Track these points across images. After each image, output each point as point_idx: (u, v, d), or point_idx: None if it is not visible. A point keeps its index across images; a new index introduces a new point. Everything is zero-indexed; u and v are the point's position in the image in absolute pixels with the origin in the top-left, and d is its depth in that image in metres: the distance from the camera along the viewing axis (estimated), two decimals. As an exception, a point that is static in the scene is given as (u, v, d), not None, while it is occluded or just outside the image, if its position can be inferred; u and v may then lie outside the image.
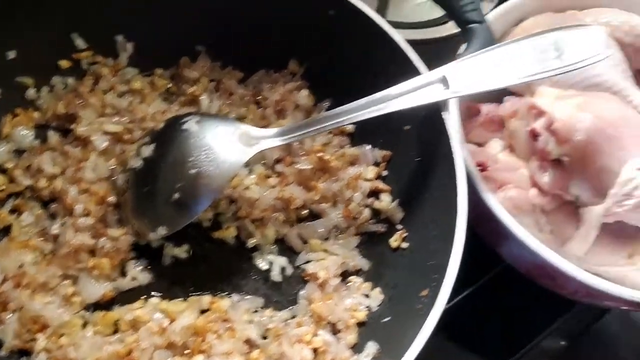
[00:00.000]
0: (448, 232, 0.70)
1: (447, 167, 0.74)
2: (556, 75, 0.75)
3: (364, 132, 0.91)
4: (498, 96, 0.96)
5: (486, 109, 0.96)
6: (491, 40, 0.80)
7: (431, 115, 0.78)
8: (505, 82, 0.76)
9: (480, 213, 0.82)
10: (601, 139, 0.80)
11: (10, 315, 0.72)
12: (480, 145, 0.97)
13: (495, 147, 0.95)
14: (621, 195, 0.78)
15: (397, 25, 1.17)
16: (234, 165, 0.78)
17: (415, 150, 0.83)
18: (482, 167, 0.88)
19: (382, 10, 1.12)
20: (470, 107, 0.99)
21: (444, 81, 0.76)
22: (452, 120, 0.77)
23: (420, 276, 0.74)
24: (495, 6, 0.98)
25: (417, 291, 0.72)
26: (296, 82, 0.93)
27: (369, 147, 0.90)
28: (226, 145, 0.79)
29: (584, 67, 0.74)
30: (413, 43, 1.16)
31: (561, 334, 1.00)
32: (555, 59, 0.75)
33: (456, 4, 0.81)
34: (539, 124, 0.85)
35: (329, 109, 0.91)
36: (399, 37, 0.81)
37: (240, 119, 0.92)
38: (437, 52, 0.90)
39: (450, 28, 1.18)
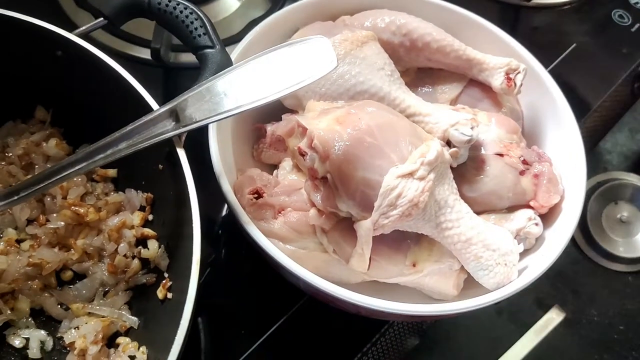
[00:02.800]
0: (187, 279, 0.64)
1: (187, 207, 0.69)
2: (288, 93, 0.71)
3: (127, 175, 0.84)
4: (279, 114, 0.92)
5: (270, 129, 0.92)
6: (226, 63, 0.75)
7: (171, 152, 0.72)
8: (237, 108, 0.70)
9: (256, 248, 0.77)
10: (360, 150, 0.76)
11: None
12: (276, 166, 0.93)
13: (286, 167, 0.91)
14: (386, 207, 0.75)
15: (181, 48, 1.12)
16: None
17: (171, 190, 0.77)
18: (258, 194, 0.83)
19: (159, 33, 1.04)
20: (258, 127, 0.95)
21: (174, 115, 0.70)
22: (183, 156, 0.70)
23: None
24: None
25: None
26: (46, 131, 0.85)
27: (133, 191, 0.83)
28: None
29: (315, 80, 0.71)
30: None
31: (379, 352, 0.98)
32: (289, 75, 0.71)
33: (184, 30, 0.75)
34: (303, 143, 0.81)
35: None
36: (127, 73, 0.74)
37: (-13, 179, 0.83)
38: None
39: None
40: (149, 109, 0.73)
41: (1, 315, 0.75)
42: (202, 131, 0.81)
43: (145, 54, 1.10)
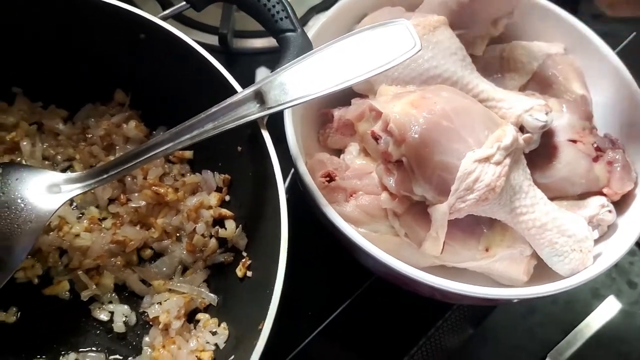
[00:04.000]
0: (274, 260, 0.66)
1: (271, 186, 0.70)
2: (372, 76, 0.71)
3: (203, 157, 0.86)
4: (347, 99, 0.93)
5: (338, 113, 0.93)
6: (307, 47, 0.76)
7: (255, 134, 0.74)
8: (321, 90, 0.71)
9: (330, 229, 0.78)
10: (437, 134, 0.77)
11: None
12: (341, 151, 0.94)
13: (352, 151, 0.92)
14: (462, 190, 0.76)
15: (244, 34, 1.14)
16: (42, 217, 0.71)
17: (250, 172, 0.78)
18: (330, 177, 0.84)
19: (226, 18, 1.06)
20: (325, 112, 0.96)
21: (258, 97, 0.72)
22: (268, 138, 0.72)
23: (259, 307, 0.69)
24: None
25: (256, 324, 0.67)
26: (125, 114, 0.87)
27: (209, 172, 0.85)
28: (34, 195, 0.72)
29: (399, 63, 0.71)
30: (262, 52, 1.14)
31: (446, 333, 0.99)
32: (370, 58, 0.72)
33: (266, 14, 0.76)
34: (377, 126, 0.82)
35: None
36: (211, 57, 0.76)
37: (70, 160, 0.85)
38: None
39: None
40: (232, 92, 0.74)
41: (87, 290, 0.78)
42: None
43: (207, 39, 1.12)
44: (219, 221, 0.83)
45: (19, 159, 0.83)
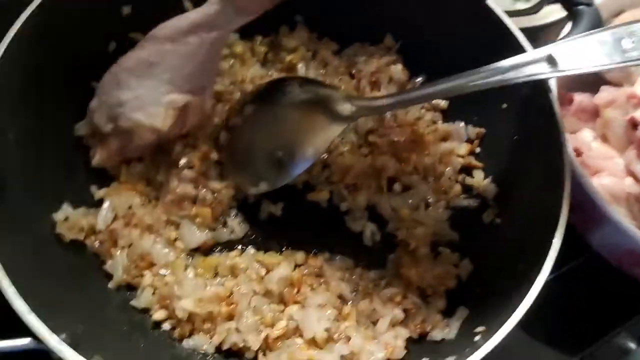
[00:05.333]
0: (550, 210, 0.71)
1: (549, 146, 0.76)
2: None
3: (457, 109, 0.93)
4: (591, 86, 0.97)
5: (579, 98, 0.97)
6: (599, 23, 0.80)
7: (532, 93, 0.79)
8: (612, 63, 0.76)
9: (574, 197, 0.82)
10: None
11: (120, 251, 0.76)
12: (571, 133, 0.97)
13: (587, 136, 0.95)
14: None
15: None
16: (336, 129, 0.81)
17: (513, 129, 0.84)
18: (577, 152, 0.88)
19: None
20: (563, 95, 0.99)
21: (550, 60, 0.77)
22: (556, 100, 0.77)
23: (515, 250, 0.75)
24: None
25: (512, 264, 0.73)
26: (391, 57, 0.95)
27: (461, 123, 0.91)
28: (328, 109, 0.81)
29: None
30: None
31: (633, 334, 0.99)
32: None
33: (566, -14, 0.82)
34: (639, 113, 0.85)
35: (422, 84, 0.93)
36: (506, 17, 0.82)
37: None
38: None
39: (541, 18, 1.19)
40: (519, 51, 0.80)
41: (345, 202, 0.86)
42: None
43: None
44: (464, 169, 0.89)
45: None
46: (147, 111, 0.75)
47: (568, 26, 0.87)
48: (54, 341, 0.57)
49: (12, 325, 0.59)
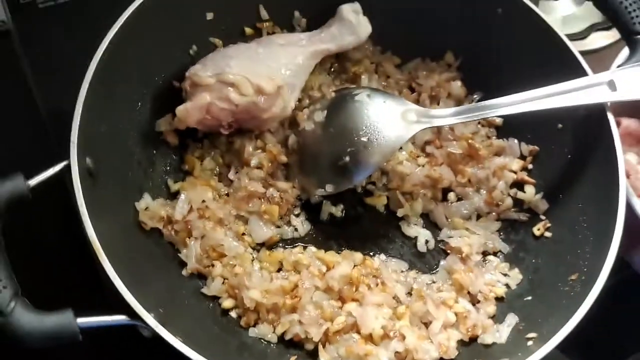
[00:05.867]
0: (603, 226, 0.75)
1: (604, 167, 0.80)
2: None
3: (511, 127, 0.97)
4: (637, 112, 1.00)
5: (626, 122, 1.00)
6: (657, 53, 0.84)
7: (591, 115, 0.83)
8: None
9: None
10: None
11: (194, 241, 0.82)
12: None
13: (632, 159, 0.98)
14: None
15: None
16: (400, 138, 0.86)
17: (567, 148, 0.88)
18: (626, 174, 0.92)
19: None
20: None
21: (611, 84, 0.81)
22: (614, 122, 0.81)
23: (567, 263, 0.79)
24: None
25: (563, 275, 0.78)
26: (451, 73, 1.00)
27: (515, 140, 0.95)
28: (394, 119, 0.87)
29: None
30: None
31: None
32: None
33: (625, 15, 0.85)
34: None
35: (478, 101, 0.98)
36: (567, 39, 0.86)
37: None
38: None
39: (588, 44, 1.22)
40: (578, 74, 0.84)
41: (402, 209, 0.91)
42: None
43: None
44: (516, 184, 0.93)
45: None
46: (254, 72, 0.84)
47: (623, 53, 0.91)
48: (149, 317, 0.63)
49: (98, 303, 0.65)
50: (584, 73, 0.84)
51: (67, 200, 0.70)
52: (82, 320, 0.61)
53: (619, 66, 0.85)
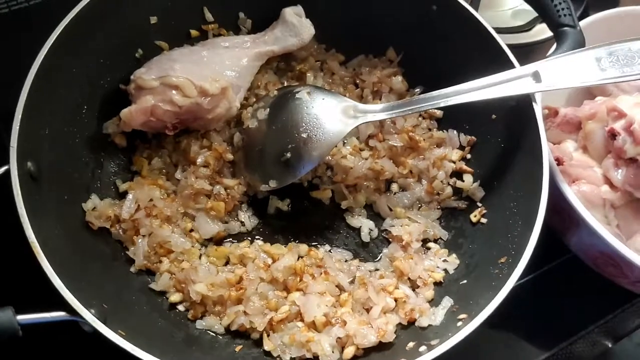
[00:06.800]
0: (529, 210, 0.79)
1: (532, 155, 0.84)
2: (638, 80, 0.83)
3: (451, 118, 1.01)
4: (575, 100, 1.05)
5: (564, 111, 1.04)
6: (582, 43, 0.88)
7: (520, 106, 0.87)
8: (591, 80, 0.84)
9: (554, 202, 0.90)
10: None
11: (141, 239, 0.85)
12: (555, 144, 1.05)
13: (569, 146, 1.02)
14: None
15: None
16: (339, 133, 0.89)
17: (500, 138, 0.92)
18: (559, 161, 0.96)
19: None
20: (549, 108, 1.07)
21: (535, 76, 0.85)
22: (540, 113, 0.85)
23: (499, 246, 0.83)
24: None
25: (495, 258, 0.82)
26: (393, 68, 1.04)
27: (454, 131, 0.99)
28: (333, 115, 0.90)
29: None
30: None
31: (606, 334, 1.05)
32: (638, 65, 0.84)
33: (552, 9, 0.89)
34: (618, 125, 0.93)
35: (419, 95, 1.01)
36: (496, 34, 0.90)
37: (338, 97, 1.03)
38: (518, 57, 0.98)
39: (533, 36, 1.27)
40: (507, 67, 0.88)
41: (346, 201, 0.95)
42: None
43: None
44: (456, 174, 0.97)
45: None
46: (198, 75, 0.87)
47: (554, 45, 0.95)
48: (87, 314, 0.65)
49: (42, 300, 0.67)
50: (512, 65, 0.88)
51: (11, 199, 0.72)
52: (22, 317, 0.63)
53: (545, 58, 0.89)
